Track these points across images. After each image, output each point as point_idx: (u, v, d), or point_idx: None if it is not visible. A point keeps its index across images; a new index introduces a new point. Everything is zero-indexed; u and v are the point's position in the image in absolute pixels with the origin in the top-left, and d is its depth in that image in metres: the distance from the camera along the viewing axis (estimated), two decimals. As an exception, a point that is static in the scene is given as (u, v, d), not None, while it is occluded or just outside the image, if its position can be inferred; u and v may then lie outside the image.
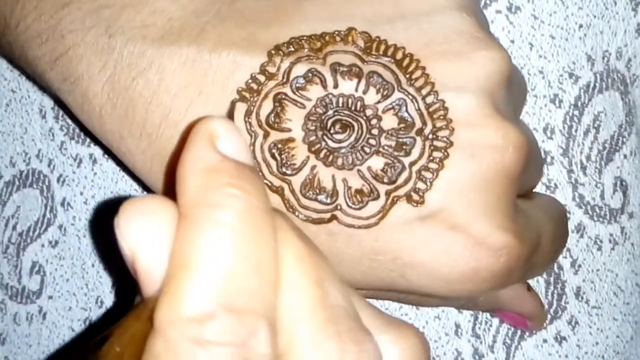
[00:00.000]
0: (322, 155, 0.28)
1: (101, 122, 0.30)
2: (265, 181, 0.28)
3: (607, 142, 0.35)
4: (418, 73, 0.28)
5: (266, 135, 0.28)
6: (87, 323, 0.39)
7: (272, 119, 0.28)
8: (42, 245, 0.39)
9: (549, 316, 0.35)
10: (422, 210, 0.28)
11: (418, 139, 0.28)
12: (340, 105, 0.28)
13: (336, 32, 0.28)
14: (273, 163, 0.28)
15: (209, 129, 0.21)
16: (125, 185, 0.37)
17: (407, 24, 0.29)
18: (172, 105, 0.29)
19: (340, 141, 0.28)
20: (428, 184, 0.28)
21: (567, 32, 0.34)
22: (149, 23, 0.29)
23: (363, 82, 0.28)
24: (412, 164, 0.28)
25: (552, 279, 0.35)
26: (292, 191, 0.28)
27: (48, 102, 0.38)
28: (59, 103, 0.38)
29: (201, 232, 0.20)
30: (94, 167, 0.39)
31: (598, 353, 0.35)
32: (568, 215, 0.35)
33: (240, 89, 0.28)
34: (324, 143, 0.28)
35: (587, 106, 0.35)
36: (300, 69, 0.28)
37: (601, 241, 0.35)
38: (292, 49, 0.28)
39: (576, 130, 0.35)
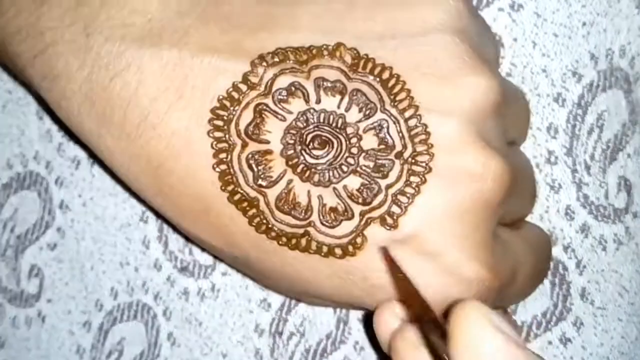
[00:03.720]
0: (299, 170, 0.28)
1: (80, 120, 0.30)
2: (241, 191, 0.28)
3: (610, 141, 0.35)
4: (403, 95, 0.28)
5: (244, 145, 0.28)
6: (87, 326, 0.39)
7: (252, 129, 0.28)
8: (41, 248, 0.39)
9: (554, 318, 0.35)
10: (395, 234, 0.27)
11: (397, 161, 0.28)
12: (322, 120, 0.28)
13: (324, 46, 0.28)
14: (249, 174, 0.28)
15: (485, 314, 0.23)
16: (124, 186, 0.37)
17: (397, 44, 0.28)
18: (150, 108, 0.28)
19: (318, 157, 0.28)
20: (403, 208, 0.27)
21: (570, 30, 0.34)
22: (129, 23, 0.29)
23: (346, 99, 0.28)
24: (388, 186, 0.28)
25: (557, 280, 0.35)
26: (267, 203, 0.28)
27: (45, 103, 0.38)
28: (39, 99, 0.38)
29: None
30: (92, 169, 0.38)
31: (603, 354, 0.35)
32: (572, 215, 0.35)
33: (220, 97, 0.28)
34: (301, 158, 0.28)
35: (591, 105, 0.34)
36: (283, 81, 0.28)
37: (606, 241, 0.35)
38: (277, 60, 0.28)
39: (580, 130, 0.34)
